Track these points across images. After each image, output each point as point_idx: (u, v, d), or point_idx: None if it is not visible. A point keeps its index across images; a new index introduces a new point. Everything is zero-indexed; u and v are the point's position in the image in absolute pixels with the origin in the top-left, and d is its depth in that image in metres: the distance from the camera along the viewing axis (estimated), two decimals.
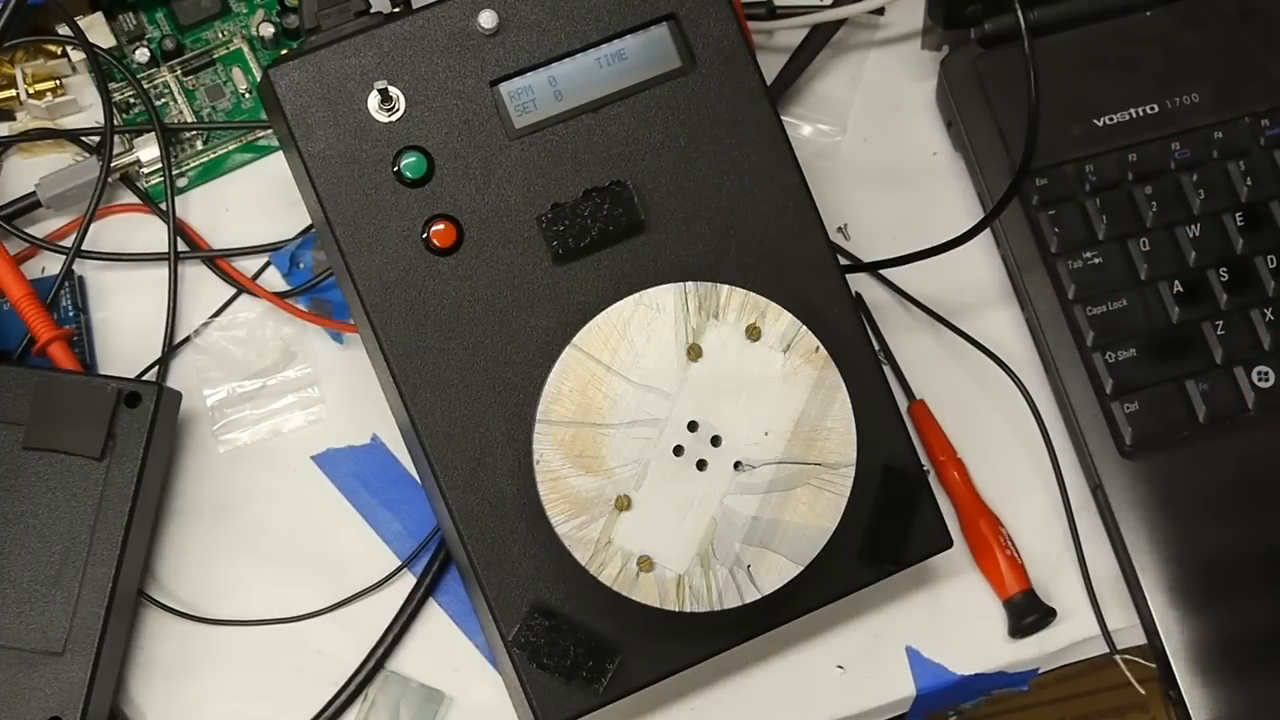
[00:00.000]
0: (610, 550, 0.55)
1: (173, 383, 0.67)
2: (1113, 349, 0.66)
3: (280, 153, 0.70)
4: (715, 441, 0.56)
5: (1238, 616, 0.63)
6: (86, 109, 0.71)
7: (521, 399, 0.57)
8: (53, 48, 0.71)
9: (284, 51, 0.71)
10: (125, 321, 0.68)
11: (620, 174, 0.58)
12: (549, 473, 0.55)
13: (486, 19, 0.57)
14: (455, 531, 0.57)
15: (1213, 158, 0.68)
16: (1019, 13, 0.60)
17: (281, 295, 0.68)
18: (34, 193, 0.68)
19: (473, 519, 0.57)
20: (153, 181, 0.69)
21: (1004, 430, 0.68)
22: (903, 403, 0.67)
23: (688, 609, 0.56)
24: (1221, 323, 0.66)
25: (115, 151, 0.68)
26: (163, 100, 0.70)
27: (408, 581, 0.65)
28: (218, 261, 0.69)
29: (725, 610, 0.56)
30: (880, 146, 0.72)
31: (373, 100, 0.57)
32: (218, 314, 0.68)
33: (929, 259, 0.65)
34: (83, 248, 0.67)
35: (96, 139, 0.69)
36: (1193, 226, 0.67)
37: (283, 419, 0.67)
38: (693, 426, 0.56)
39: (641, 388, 0.56)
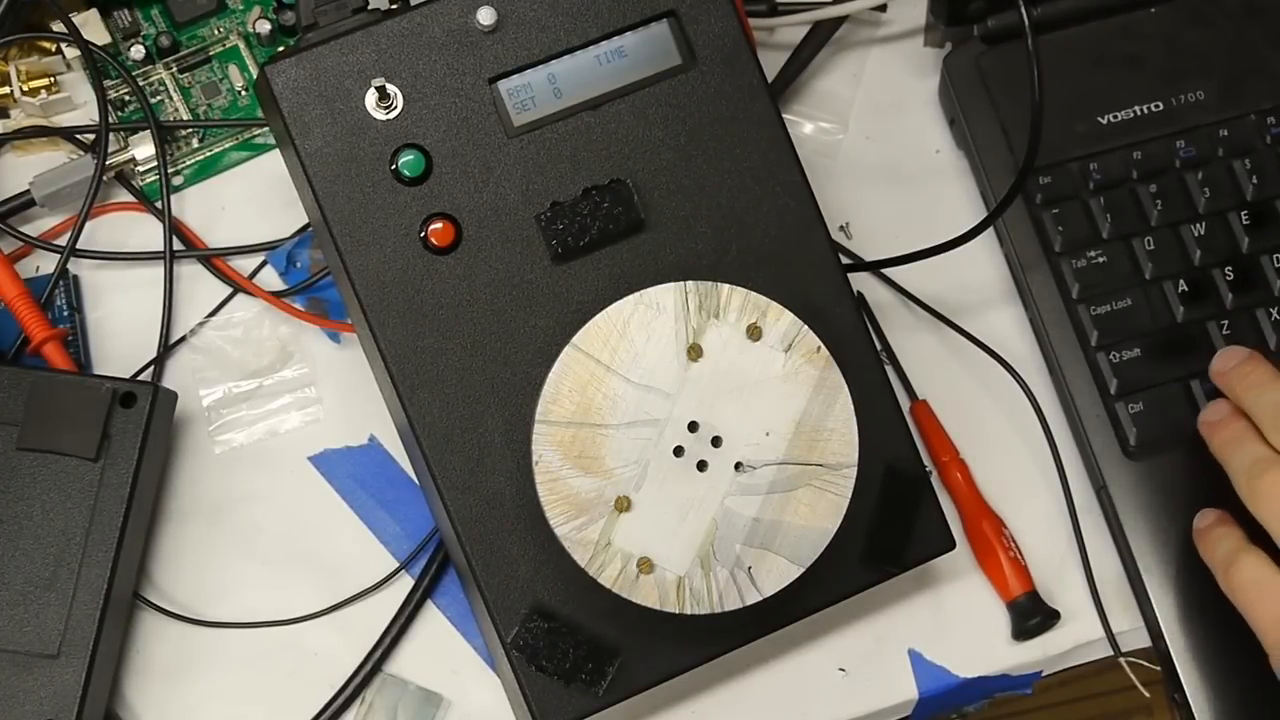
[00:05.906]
0: (610, 552, 0.55)
1: (168, 383, 0.67)
2: (1117, 349, 0.66)
3: (277, 151, 0.70)
4: (716, 442, 0.56)
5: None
6: (81, 106, 0.71)
7: (520, 399, 0.56)
8: (47, 45, 0.70)
9: (280, 49, 0.70)
10: (120, 321, 0.68)
11: (620, 172, 0.58)
12: (548, 473, 0.55)
13: (485, 15, 0.57)
14: (453, 533, 0.57)
15: (1218, 156, 0.68)
16: (1022, 9, 0.60)
17: (278, 294, 0.67)
18: (28, 191, 0.68)
19: (471, 520, 0.56)
20: (148, 180, 0.69)
21: (1007, 431, 0.67)
22: (905, 403, 0.66)
23: (688, 611, 0.55)
24: (1226, 322, 0.66)
25: (110, 149, 0.68)
26: (158, 98, 0.70)
27: (405, 583, 0.65)
28: (214, 260, 0.68)
29: (726, 612, 0.56)
30: (882, 144, 0.72)
31: (370, 98, 0.56)
32: (214, 313, 0.68)
33: (931, 258, 0.64)
34: (77, 246, 0.67)
35: (91, 137, 0.69)
36: (1198, 225, 0.67)
37: (279, 419, 0.67)
38: (693, 427, 0.56)
39: (641, 388, 0.55)
